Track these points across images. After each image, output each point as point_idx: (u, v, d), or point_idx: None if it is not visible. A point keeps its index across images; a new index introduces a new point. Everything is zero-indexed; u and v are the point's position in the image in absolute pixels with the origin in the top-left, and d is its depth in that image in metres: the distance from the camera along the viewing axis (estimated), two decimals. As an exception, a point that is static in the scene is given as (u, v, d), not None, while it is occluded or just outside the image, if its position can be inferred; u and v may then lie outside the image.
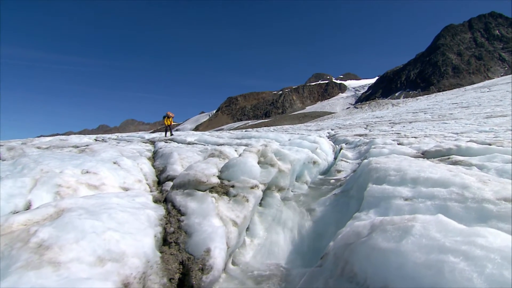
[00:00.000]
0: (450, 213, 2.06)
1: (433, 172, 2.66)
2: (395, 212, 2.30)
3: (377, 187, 2.75)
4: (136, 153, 6.35)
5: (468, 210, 2.00)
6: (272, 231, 4.20)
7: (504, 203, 1.93)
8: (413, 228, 1.49)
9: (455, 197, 2.14)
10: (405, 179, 2.67)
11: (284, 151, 5.30)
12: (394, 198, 2.45)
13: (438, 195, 2.24)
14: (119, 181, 4.00)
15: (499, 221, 1.82)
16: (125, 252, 1.76)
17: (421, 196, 2.33)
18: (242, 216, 3.13)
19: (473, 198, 2.05)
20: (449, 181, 2.37)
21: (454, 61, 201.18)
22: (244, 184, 3.63)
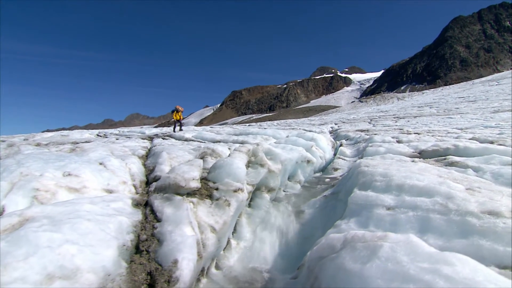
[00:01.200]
0: (431, 226, 1.93)
1: (420, 179, 2.51)
2: (375, 223, 2.18)
3: (361, 194, 2.62)
4: (128, 152, 6.27)
5: (450, 223, 1.87)
6: (259, 234, 4.10)
7: (488, 217, 1.78)
8: (381, 249, 1.36)
9: (438, 209, 2.00)
10: (390, 186, 2.54)
11: (276, 151, 5.18)
12: (376, 207, 2.32)
13: (421, 206, 2.10)
14: (103, 183, 3.92)
15: (481, 238, 1.68)
16: (80, 267, 1.67)
17: (404, 205, 2.20)
18: (222, 221, 3.03)
19: (457, 210, 1.91)
20: (434, 190, 2.22)
21: (462, 54, 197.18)
22: (228, 187, 3.52)
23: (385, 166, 3.15)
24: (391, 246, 1.36)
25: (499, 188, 2.46)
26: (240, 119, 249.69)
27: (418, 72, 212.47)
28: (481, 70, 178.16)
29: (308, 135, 9.01)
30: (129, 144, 8.97)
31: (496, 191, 2.38)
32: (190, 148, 6.87)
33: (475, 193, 2.18)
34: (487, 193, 2.21)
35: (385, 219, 2.16)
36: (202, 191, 3.85)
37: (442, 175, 2.81)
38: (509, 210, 1.80)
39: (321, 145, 8.57)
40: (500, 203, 1.91)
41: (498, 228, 1.67)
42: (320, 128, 23.95)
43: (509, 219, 1.73)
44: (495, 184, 3.16)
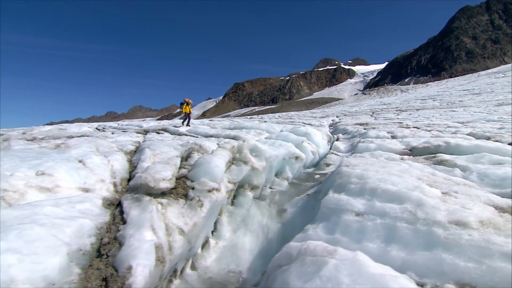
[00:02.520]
0: (397, 235, 1.81)
1: (395, 182, 2.38)
2: (342, 230, 2.06)
3: (333, 197, 2.50)
4: (114, 148, 6.17)
5: (416, 234, 1.75)
6: (239, 233, 4.02)
7: (454, 228, 1.66)
8: (325, 267, 1.26)
9: (407, 217, 1.88)
10: (364, 189, 2.41)
11: (261, 147, 5.05)
12: (345, 212, 2.20)
13: (390, 213, 1.98)
14: (79, 182, 3.82)
15: (444, 251, 1.56)
16: (15, 279, 1.58)
17: (373, 212, 2.07)
18: (192, 223, 2.93)
19: (424, 219, 1.79)
20: (406, 196, 2.09)
21: (469, 45, 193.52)
22: (203, 186, 3.42)
23: (364, 167, 3.02)
24: (336, 264, 1.25)
25: (478, 192, 2.33)
26: (243, 112, 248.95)
27: (423, 64, 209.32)
28: (488, 62, 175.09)
29: (301, 129, 8.86)
30: (121, 139, 8.88)
31: (473, 195, 2.25)
32: (179, 143, 6.76)
33: (449, 199, 2.05)
34: (462, 199, 2.08)
35: (352, 226, 2.04)
36: (178, 190, 3.75)
37: (421, 178, 2.68)
38: (477, 220, 1.68)
39: (315, 140, 8.41)
40: (470, 212, 1.78)
41: (463, 241, 1.55)
42: (320, 121, 23.73)
43: (475, 230, 1.60)
44: (479, 186, 3.02)
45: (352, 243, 1.90)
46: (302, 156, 5.85)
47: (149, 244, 2.27)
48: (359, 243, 1.88)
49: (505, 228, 1.60)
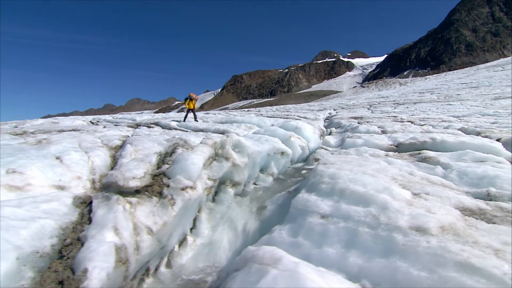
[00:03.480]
0: (358, 241, 1.74)
1: (366, 182, 2.31)
2: (305, 233, 2.00)
3: (302, 198, 2.43)
4: (99, 143, 6.07)
5: (376, 239, 1.68)
6: (218, 231, 3.97)
7: (414, 234, 1.59)
8: (264, 278, 1.20)
9: (369, 221, 1.81)
10: (334, 190, 2.34)
11: (244, 143, 4.96)
12: (311, 214, 2.14)
13: (353, 216, 1.91)
14: (53, 179, 3.73)
15: (401, 258, 1.50)
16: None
17: (338, 214, 2.01)
18: (162, 222, 2.87)
19: (386, 224, 1.72)
20: (372, 198, 2.02)
21: (468, 38, 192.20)
22: (176, 184, 3.35)
23: (340, 165, 2.94)
24: (276, 276, 1.18)
25: (450, 193, 2.26)
26: (241, 104, 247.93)
27: (422, 57, 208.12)
28: (487, 55, 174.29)
29: (292, 123, 8.77)
30: (110, 133, 8.76)
31: (444, 197, 2.19)
32: (165, 138, 6.66)
33: (417, 202, 1.98)
34: (431, 202, 2.01)
35: (315, 230, 1.97)
36: (154, 187, 3.68)
37: (396, 178, 2.61)
38: (438, 226, 1.61)
39: (305, 134, 8.32)
40: (433, 216, 1.71)
41: (420, 248, 1.49)
42: (316, 114, 23.60)
43: (434, 237, 1.54)
44: (456, 185, 2.96)
45: (313, 247, 1.84)
46: (288, 152, 5.77)
47: (108, 245, 2.20)
48: (319, 247, 1.82)
49: (464, 234, 1.54)
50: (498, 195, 2.60)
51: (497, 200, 2.52)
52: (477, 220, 1.79)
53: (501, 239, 1.51)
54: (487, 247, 1.43)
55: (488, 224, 1.74)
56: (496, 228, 1.66)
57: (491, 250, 1.40)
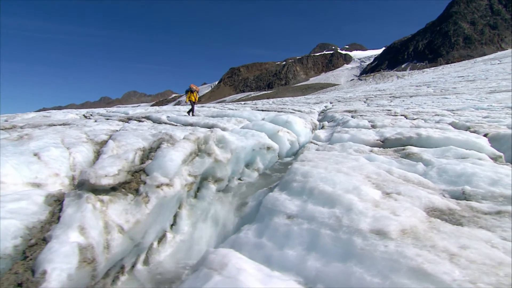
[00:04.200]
0: (319, 243, 1.70)
1: (337, 182, 2.26)
2: (270, 234, 1.96)
3: (272, 196, 2.38)
4: (83, 138, 5.97)
5: (336, 243, 1.64)
6: (198, 227, 3.94)
7: (374, 237, 1.55)
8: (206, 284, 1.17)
9: (332, 223, 1.76)
10: (304, 189, 2.29)
11: (228, 138, 4.90)
12: (278, 214, 2.09)
13: (317, 218, 1.86)
14: (29, 177, 3.66)
15: (357, 263, 1.46)
16: None
17: (303, 215, 1.96)
18: (134, 220, 2.82)
19: (348, 227, 1.68)
20: (339, 198, 1.98)
21: (467, 31, 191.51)
22: (152, 181, 3.29)
23: (316, 163, 2.90)
24: (216, 283, 1.15)
25: (422, 192, 2.22)
26: (238, 97, 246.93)
27: (420, 49, 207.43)
28: (485, 48, 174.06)
29: (283, 117, 8.70)
30: (99, 127, 8.66)
31: (415, 196, 2.15)
32: (151, 133, 6.57)
33: (385, 203, 1.94)
34: (400, 202, 1.97)
35: (280, 230, 1.93)
36: (132, 184, 3.62)
37: (371, 176, 2.57)
38: (399, 229, 1.57)
39: (296, 128, 8.28)
40: (396, 219, 1.67)
41: (377, 253, 1.45)
42: (311, 107, 23.55)
43: (393, 241, 1.49)
44: (434, 183, 2.93)
45: (275, 249, 1.80)
46: (275, 147, 5.72)
47: (70, 246, 2.15)
48: (281, 249, 1.78)
49: (424, 238, 1.50)
50: (472, 194, 2.57)
51: (470, 199, 2.49)
52: (442, 222, 1.75)
53: (460, 242, 1.47)
54: (443, 251, 1.39)
55: (452, 226, 1.70)
56: (459, 230, 1.62)
57: (446, 255, 1.37)
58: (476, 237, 1.56)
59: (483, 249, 1.42)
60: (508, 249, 1.50)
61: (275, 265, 1.68)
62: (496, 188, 2.56)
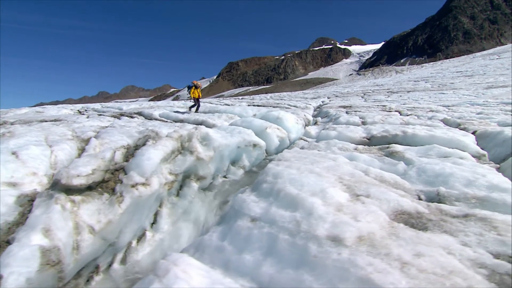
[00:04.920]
0: (276, 248, 1.66)
1: (305, 183, 2.21)
2: (232, 237, 1.92)
3: (240, 198, 2.34)
4: (68, 136, 5.88)
5: (293, 248, 1.60)
6: (178, 226, 3.91)
7: (329, 244, 1.51)
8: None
9: (291, 228, 1.72)
10: (272, 190, 2.25)
11: (212, 136, 4.84)
12: (242, 216, 2.05)
13: (278, 221, 1.82)
14: (5, 176, 3.59)
15: (309, 271, 1.42)
16: None
17: (265, 218, 1.92)
18: (106, 221, 2.77)
19: (306, 232, 1.64)
20: (302, 201, 1.93)
21: (466, 26, 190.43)
22: (128, 181, 3.25)
23: (289, 163, 2.85)
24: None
25: (392, 195, 2.18)
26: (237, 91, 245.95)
27: (419, 44, 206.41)
28: (484, 42, 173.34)
29: (274, 114, 8.63)
30: (89, 123, 8.57)
31: (384, 200, 2.11)
32: (138, 130, 6.49)
33: (351, 206, 1.90)
34: (366, 206, 1.93)
35: (241, 234, 1.89)
36: (110, 183, 3.58)
37: (343, 177, 2.52)
38: (356, 236, 1.53)
39: (286, 125, 8.21)
40: (355, 224, 1.62)
41: (329, 261, 1.41)
42: (308, 103, 23.46)
43: (347, 248, 1.45)
44: (411, 184, 2.89)
45: (235, 253, 1.76)
46: (261, 144, 5.66)
47: (31, 249, 2.11)
48: (240, 253, 1.74)
49: (381, 245, 1.46)
50: (446, 195, 2.53)
51: (444, 201, 2.45)
52: (406, 227, 1.71)
53: (417, 249, 1.43)
54: (396, 260, 1.35)
55: (414, 231, 1.66)
56: (419, 236, 1.58)
57: (399, 263, 1.33)
58: (435, 244, 1.52)
59: (438, 257, 1.38)
60: (464, 256, 1.47)
61: (232, 270, 1.64)
62: (470, 189, 2.52)
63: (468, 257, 1.45)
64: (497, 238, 1.65)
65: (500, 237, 1.66)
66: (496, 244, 1.61)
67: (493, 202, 2.29)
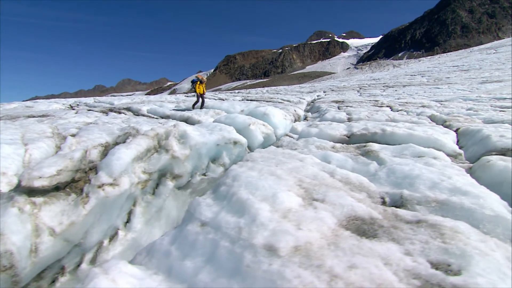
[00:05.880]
0: (216, 256, 1.63)
1: (259, 186, 2.17)
2: (180, 242, 1.89)
3: (197, 201, 2.30)
4: (47, 133, 5.78)
5: (230, 257, 1.56)
6: (151, 225, 3.88)
7: (263, 254, 1.47)
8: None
9: (233, 235, 1.69)
10: (227, 194, 2.21)
11: (189, 134, 4.78)
12: (194, 220, 2.01)
13: (223, 227, 1.78)
14: (-30, 176, 3.53)
15: (240, 281, 1.39)
16: None
17: (213, 223, 1.88)
18: (68, 222, 2.73)
19: (244, 240, 1.60)
20: (249, 207, 1.89)
21: (464, 19, 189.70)
22: (95, 181, 3.19)
23: (253, 164, 2.81)
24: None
25: (347, 200, 2.14)
26: (234, 85, 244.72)
27: (417, 38, 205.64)
28: (482, 37, 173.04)
29: (261, 110, 8.57)
30: (75, 120, 8.47)
31: (338, 205, 2.07)
32: (120, 127, 6.41)
33: (299, 213, 1.86)
34: (316, 212, 1.89)
35: (189, 239, 1.85)
36: (80, 184, 3.52)
37: (303, 180, 2.48)
38: (292, 246, 1.49)
39: (273, 121, 8.16)
40: (294, 234, 1.58)
41: (259, 272, 1.38)
42: (302, 97, 23.40)
43: (280, 259, 1.42)
44: (378, 185, 2.86)
45: (179, 258, 1.72)
46: (242, 141, 5.61)
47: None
48: (183, 259, 1.70)
49: (315, 256, 1.42)
50: (409, 198, 2.51)
51: (405, 204, 2.43)
52: (351, 235, 1.67)
53: (352, 261, 1.40)
54: (326, 272, 1.32)
55: (357, 240, 1.62)
56: (360, 245, 1.55)
57: (328, 276, 1.29)
58: (374, 254, 1.49)
59: (372, 269, 1.35)
60: (401, 266, 1.44)
61: (173, 277, 1.62)
62: (433, 192, 2.50)
63: (405, 268, 1.43)
64: (441, 246, 1.63)
65: (444, 245, 1.63)
66: (438, 253, 1.59)
67: (452, 206, 2.27)
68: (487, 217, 2.09)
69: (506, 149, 3.80)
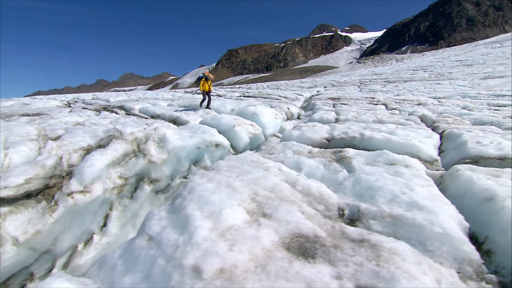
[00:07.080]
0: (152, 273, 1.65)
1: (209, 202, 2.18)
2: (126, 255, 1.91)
3: (151, 213, 2.32)
4: (32, 136, 5.79)
5: (162, 276, 1.58)
6: (126, 229, 3.94)
7: (189, 275, 1.48)
8: None
9: (169, 253, 1.70)
10: (180, 207, 2.22)
11: (168, 137, 4.80)
12: (143, 234, 2.04)
13: (163, 244, 1.80)
14: None
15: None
16: None
17: (157, 239, 1.89)
18: (33, 231, 2.78)
19: (176, 259, 1.61)
20: (191, 224, 1.90)
21: (470, 12, 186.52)
22: (65, 189, 3.23)
23: (216, 174, 2.81)
24: None
25: (296, 216, 2.14)
26: (236, 79, 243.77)
27: (421, 32, 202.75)
28: (488, 30, 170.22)
29: (250, 109, 8.56)
30: (66, 119, 8.52)
31: (284, 221, 2.08)
32: (105, 129, 6.43)
33: (238, 231, 1.86)
34: (259, 230, 1.90)
35: (134, 253, 1.88)
36: (53, 190, 3.57)
37: (258, 193, 2.48)
38: (217, 268, 1.50)
39: (262, 120, 8.16)
40: (223, 255, 1.59)
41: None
42: (300, 93, 23.34)
43: (202, 281, 1.42)
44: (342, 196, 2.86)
45: (121, 274, 1.75)
46: (224, 144, 5.62)
47: None
48: (124, 275, 1.73)
49: (237, 280, 1.43)
50: (365, 212, 2.51)
51: (360, 219, 2.43)
52: (285, 256, 1.68)
53: (272, 286, 1.41)
54: (245, 299, 1.34)
55: (290, 262, 1.63)
56: (287, 269, 1.55)
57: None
58: (299, 278, 1.50)
59: (291, 295, 1.37)
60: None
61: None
62: (390, 206, 2.50)
63: (328, 294, 1.44)
64: (373, 269, 1.64)
65: (377, 268, 1.64)
66: (369, 276, 1.59)
67: (405, 222, 2.27)
68: (435, 235, 2.10)
69: (480, 156, 3.77)
